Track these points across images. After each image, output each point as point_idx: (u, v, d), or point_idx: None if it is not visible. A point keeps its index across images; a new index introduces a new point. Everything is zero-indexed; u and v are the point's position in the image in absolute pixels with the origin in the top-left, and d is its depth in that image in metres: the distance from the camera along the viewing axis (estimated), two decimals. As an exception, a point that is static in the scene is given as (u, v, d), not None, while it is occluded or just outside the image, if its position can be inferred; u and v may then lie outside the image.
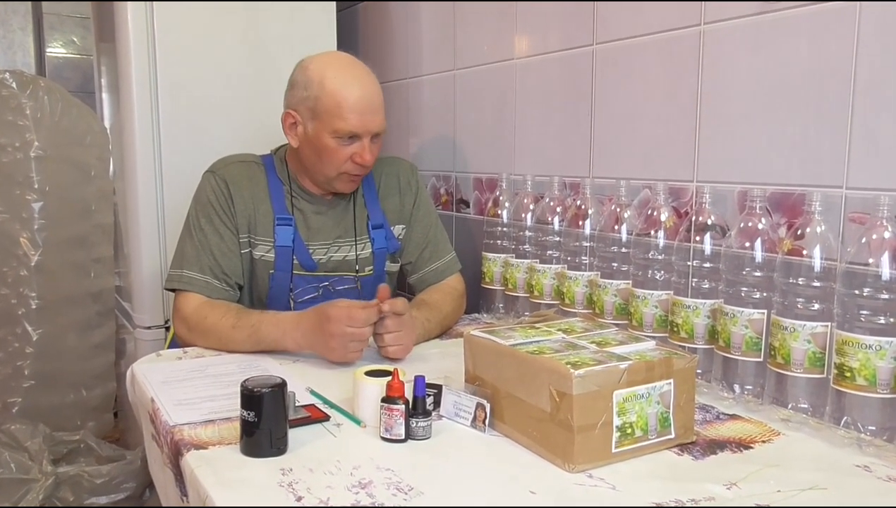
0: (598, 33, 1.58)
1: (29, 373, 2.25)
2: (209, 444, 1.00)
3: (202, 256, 1.51)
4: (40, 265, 2.24)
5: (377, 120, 1.50)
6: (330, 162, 1.50)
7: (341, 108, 1.46)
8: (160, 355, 1.46)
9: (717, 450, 0.99)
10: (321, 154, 1.51)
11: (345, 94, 1.46)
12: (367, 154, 1.49)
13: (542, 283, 1.57)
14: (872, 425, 0.98)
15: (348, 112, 1.46)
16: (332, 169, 1.51)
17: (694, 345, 1.23)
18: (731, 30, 1.30)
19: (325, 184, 1.57)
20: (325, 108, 1.47)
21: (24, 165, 2.21)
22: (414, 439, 1.02)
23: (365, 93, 1.48)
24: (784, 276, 1.07)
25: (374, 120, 1.50)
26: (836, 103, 1.15)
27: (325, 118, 1.47)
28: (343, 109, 1.46)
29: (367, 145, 1.49)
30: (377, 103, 1.51)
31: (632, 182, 1.46)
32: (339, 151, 1.49)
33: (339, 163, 1.50)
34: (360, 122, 1.47)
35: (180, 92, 2.02)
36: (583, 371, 0.91)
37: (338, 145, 1.48)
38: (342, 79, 1.48)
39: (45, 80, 2.31)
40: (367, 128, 1.48)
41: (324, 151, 1.50)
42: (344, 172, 1.52)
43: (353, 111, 1.46)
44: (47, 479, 1.99)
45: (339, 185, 1.55)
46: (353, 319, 1.32)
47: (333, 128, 1.47)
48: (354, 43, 2.58)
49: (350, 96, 1.46)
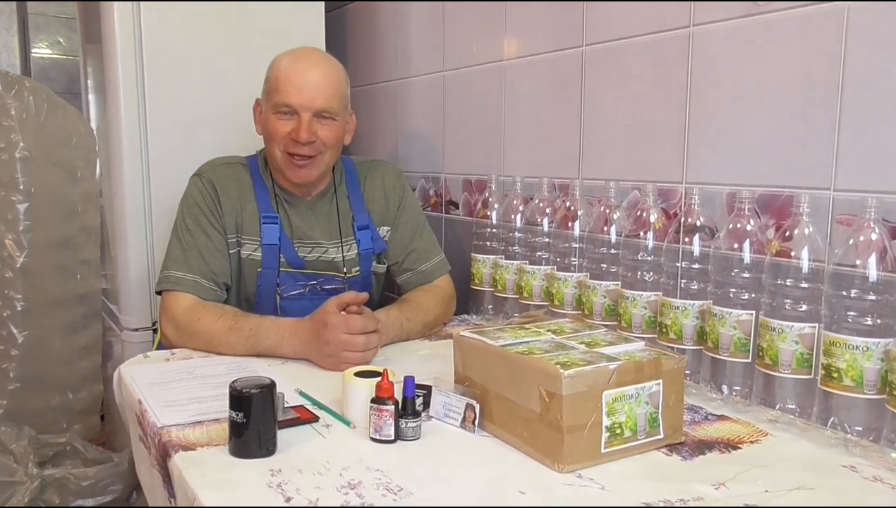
0: (588, 35, 1.59)
1: (14, 376, 2.23)
2: (197, 445, 0.99)
3: (190, 257, 1.51)
4: (26, 267, 2.22)
5: (319, 97, 1.49)
6: (272, 138, 1.52)
7: (279, 81, 1.50)
8: (148, 356, 1.45)
9: (705, 451, 1.00)
10: (266, 132, 1.54)
11: (285, 70, 1.50)
12: (303, 130, 1.48)
13: (532, 285, 1.57)
14: (859, 425, 0.99)
15: (286, 84, 1.49)
16: (275, 147, 1.52)
17: (682, 346, 1.23)
18: (720, 32, 1.31)
19: (280, 173, 1.56)
20: (270, 86, 1.52)
21: (10, 166, 2.19)
22: (403, 440, 1.01)
23: (306, 70, 1.50)
24: (772, 278, 1.08)
25: (315, 96, 1.49)
26: (824, 105, 1.15)
27: (270, 95, 1.52)
28: (280, 82, 1.49)
29: (304, 120, 1.49)
30: (321, 81, 1.51)
31: (621, 183, 1.46)
32: (279, 126, 1.50)
33: (279, 140, 1.51)
34: (296, 95, 1.48)
35: (167, 93, 2.01)
36: (572, 371, 0.91)
37: (277, 120, 1.50)
38: (291, 59, 1.53)
39: (30, 80, 2.29)
40: (304, 102, 1.49)
41: (267, 128, 1.53)
42: (285, 152, 1.51)
43: (290, 84, 1.48)
44: (33, 482, 1.97)
45: (288, 171, 1.54)
46: (350, 327, 1.32)
47: (273, 102, 1.50)
48: (343, 44, 2.57)
49: (291, 71, 1.49)
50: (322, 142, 1.51)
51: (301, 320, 1.40)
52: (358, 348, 1.33)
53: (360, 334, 1.33)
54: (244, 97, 2.07)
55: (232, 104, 2.09)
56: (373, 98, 2.45)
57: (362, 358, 1.33)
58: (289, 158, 1.52)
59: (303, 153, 1.51)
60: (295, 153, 1.51)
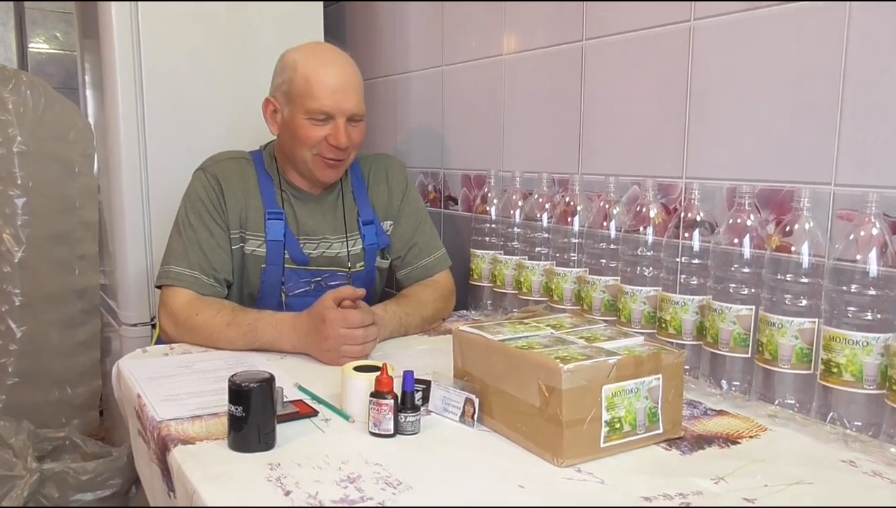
0: (588, 29, 1.58)
1: (13, 371, 2.23)
2: (196, 439, 0.99)
3: (191, 252, 1.50)
4: (24, 261, 2.22)
5: (351, 101, 1.50)
6: (304, 144, 1.51)
7: (312, 87, 1.47)
8: (146, 351, 1.45)
9: (704, 445, 1.00)
10: (296, 137, 1.51)
11: (316, 74, 1.48)
12: (342, 135, 1.49)
13: (531, 280, 1.57)
14: (858, 420, 0.99)
15: (319, 91, 1.47)
16: (306, 151, 1.51)
17: (682, 342, 1.23)
18: (720, 26, 1.31)
19: (306, 172, 1.56)
20: (297, 90, 1.49)
21: (7, 161, 2.18)
22: (403, 434, 1.01)
23: (337, 74, 1.49)
24: (772, 273, 1.08)
25: (348, 100, 1.49)
26: (825, 100, 1.15)
27: (298, 100, 1.49)
28: (314, 88, 1.47)
29: (341, 126, 1.49)
30: (351, 85, 1.50)
31: (621, 178, 1.46)
32: (312, 132, 1.49)
33: (312, 145, 1.50)
34: (331, 101, 1.47)
35: (165, 88, 2.00)
36: (572, 365, 0.91)
37: (311, 126, 1.49)
38: (315, 61, 1.50)
39: (27, 74, 2.29)
40: (340, 107, 1.48)
41: (298, 134, 1.50)
42: (318, 155, 1.51)
43: (323, 90, 1.47)
44: (32, 476, 1.97)
45: (318, 172, 1.54)
46: (348, 321, 1.32)
47: (306, 108, 1.48)
48: (342, 38, 2.57)
49: (321, 76, 1.47)
50: (353, 144, 1.53)
51: (299, 314, 1.40)
52: (357, 342, 1.33)
53: (359, 328, 1.33)
54: (242, 91, 2.08)
55: (230, 99, 2.08)
56: (372, 93, 2.44)
57: (361, 351, 1.33)
58: (322, 161, 1.52)
59: (340, 157, 1.52)
60: (332, 157, 1.51)
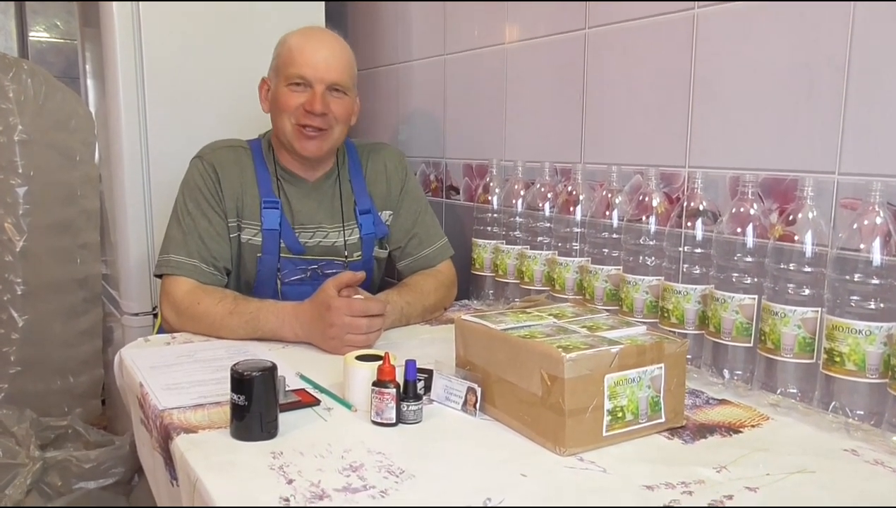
0: (591, 17, 1.57)
1: (15, 359, 2.23)
2: (199, 428, 0.99)
3: (190, 240, 1.50)
4: (25, 250, 2.22)
5: (332, 70, 1.51)
6: (284, 111, 1.52)
7: (293, 55, 1.51)
8: (148, 340, 1.45)
9: (706, 434, 1.00)
10: (277, 105, 1.54)
11: (299, 44, 1.52)
12: (317, 101, 1.49)
13: (533, 269, 1.56)
14: (861, 410, 0.99)
15: (299, 57, 1.50)
16: (286, 120, 1.53)
17: (684, 331, 1.23)
18: (724, 14, 1.30)
19: (288, 145, 1.56)
20: (282, 61, 1.53)
21: (8, 149, 2.18)
22: (405, 423, 1.01)
23: (319, 43, 1.52)
24: (775, 262, 1.08)
25: (329, 70, 1.51)
26: (829, 89, 1.15)
27: (281, 70, 1.53)
28: (294, 55, 1.51)
29: (318, 92, 1.50)
30: (333, 56, 1.53)
31: (623, 167, 1.46)
32: (291, 99, 1.51)
33: (291, 111, 1.51)
34: (310, 68, 1.50)
35: (166, 77, 2.00)
36: (574, 354, 0.91)
37: (290, 92, 1.51)
38: (303, 34, 1.55)
39: (28, 62, 2.28)
40: (318, 74, 1.50)
41: (279, 101, 1.53)
42: (297, 123, 1.52)
43: (303, 56, 1.50)
44: (35, 464, 1.98)
45: (297, 143, 1.54)
46: (353, 309, 1.32)
47: (286, 74, 1.51)
48: (343, 26, 2.55)
49: (303, 45, 1.52)
50: (333, 116, 1.53)
51: (301, 303, 1.40)
52: (361, 331, 1.33)
53: (363, 317, 1.33)
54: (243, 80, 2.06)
55: (231, 88, 2.08)
56: (373, 82, 2.44)
57: (365, 340, 1.33)
58: (300, 130, 1.52)
59: (315, 124, 1.51)
60: (307, 124, 1.51)
